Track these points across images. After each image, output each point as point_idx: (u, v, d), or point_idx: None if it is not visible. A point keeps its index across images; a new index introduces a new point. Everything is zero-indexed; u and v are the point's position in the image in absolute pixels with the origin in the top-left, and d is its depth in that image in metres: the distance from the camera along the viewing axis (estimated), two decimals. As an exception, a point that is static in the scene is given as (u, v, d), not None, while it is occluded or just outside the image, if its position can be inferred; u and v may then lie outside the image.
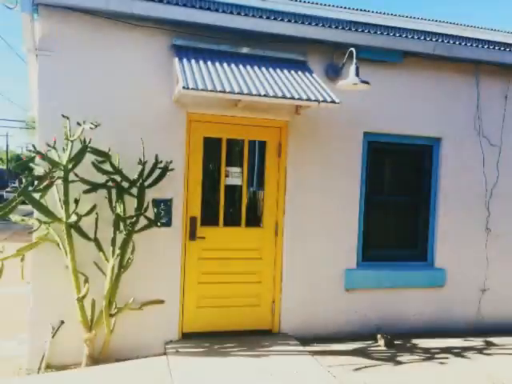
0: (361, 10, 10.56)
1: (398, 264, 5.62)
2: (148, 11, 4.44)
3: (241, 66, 4.64)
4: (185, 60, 4.47)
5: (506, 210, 5.89)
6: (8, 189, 29.95)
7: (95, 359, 4.33)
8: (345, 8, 10.36)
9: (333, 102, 4.43)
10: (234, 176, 5.13)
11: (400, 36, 5.27)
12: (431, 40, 5.39)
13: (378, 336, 5.11)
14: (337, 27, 5.06)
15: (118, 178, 4.28)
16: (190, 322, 4.92)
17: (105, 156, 4.26)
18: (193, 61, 4.50)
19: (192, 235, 4.90)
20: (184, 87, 4.03)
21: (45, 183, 3.94)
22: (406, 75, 5.47)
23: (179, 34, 4.69)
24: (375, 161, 5.56)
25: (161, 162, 4.50)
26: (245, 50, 4.87)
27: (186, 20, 4.56)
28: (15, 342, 5.19)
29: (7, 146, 47.01)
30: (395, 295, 5.51)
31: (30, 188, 3.95)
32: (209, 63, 4.54)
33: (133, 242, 4.39)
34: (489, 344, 5.25)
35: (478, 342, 5.33)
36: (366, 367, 4.38)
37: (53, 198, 4.24)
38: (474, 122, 5.74)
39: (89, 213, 4.25)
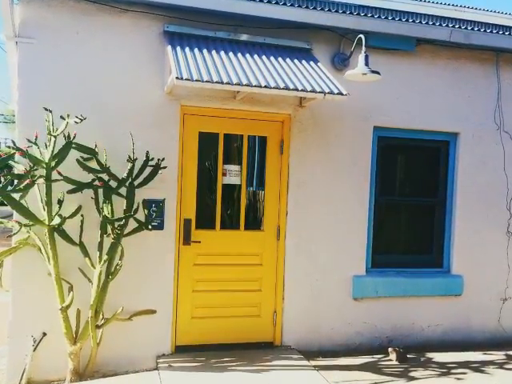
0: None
1: (411, 270, 5.60)
2: (138, -5, 4.44)
3: (239, 55, 4.62)
4: (178, 48, 4.46)
5: (528, 211, 5.89)
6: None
7: (80, 374, 4.32)
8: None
9: (340, 93, 4.42)
10: (232, 175, 5.12)
11: (413, 22, 5.26)
12: (447, 26, 5.38)
13: (390, 349, 5.10)
14: (344, 12, 5.05)
15: (105, 176, 4.27)
16: (183, 334, 4.91)
17: (91, 153, 4.25)
18: (187, 49, 4.49)
19: (186, 239, 4.90)
20: (177, 78, 4.02)
21: (25, 182, 3.93)
22: (419, 65, 5.46)
23: (172, 20, 4.67)
24: (386, 158, 5.55)
25: (152, 159, 4.49)
26: (244, 38, 4.86)
27: (180, 4, 4.55)
28: (-6, 356, 5.18)
29: (-15, 141, 47.04)
30: (408, 304, 5.50)
31: (10, 188, 3.94)
32: (204, 51, 4.53)
33: (121, 247, 4.38)
34: (510, 358, 5.24)
35: (498, 355, 5.31)
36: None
37: (34, 198, 4.23)
38: (494, 116, 5.73)
39: (73, 215, 4.24)
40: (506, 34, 5.61)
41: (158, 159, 4.50)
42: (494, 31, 5.64)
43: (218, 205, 5.02)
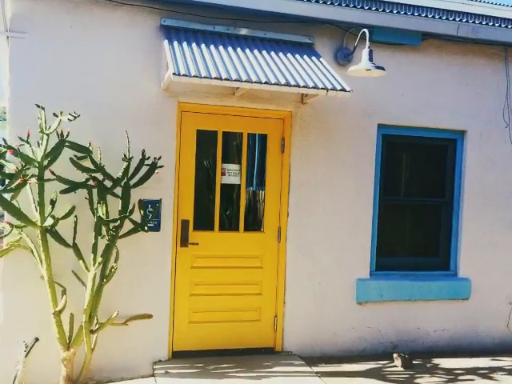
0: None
1: (416, 273, 5.59)
2: (134, -13, 4.44)
3: (239, 50, 4.62)
4: (175, 43, 4.46)
5: (538, 212, 5.87)
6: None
7: (74, 381, 4.31)
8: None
9: (343, 90, 4.42)
10: (232, 174, 5.11)
11: (419, 15, 5.25)
12: (454, 20, 5.37)
13: (395, 355, 5.10)
14: (348, 5, 5.05)
15: (99, 176, 4.27)
16: (181, 340, 4.91)
17: (85, 151, 4.25)
18: (184, 44, 4.49)
19: (184, 241, 4.89)
20: (174, 74, 4.02)
21: (17, 182, 3.92)
22: (425, 60, 5.45)
23: (169, 14, 4.67)
24: (391, 157, 5.55)
25: (148, 157, 4.48)
26: (243, 32, 4.85)
27: (177, -3, 4.55)
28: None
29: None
30: (413, 308, 5.50)
31: (0, 187, 3.93)
32: (203, 46, 4.53)
33: (116, 249, 4.37)
34: (519, 364, 5.25)
35: (507, 361, 5.31)
36: (380, 390, 4.38)
37: (26, 198, 4.22)
38: (503, 113, 5.72)
39: (67, 215, 4.23)
40: (516, 28, 5.61)
41: (155, 158, 4.49)
42: (503, 25, 5.64)
43: (216, 205, 5.02)
